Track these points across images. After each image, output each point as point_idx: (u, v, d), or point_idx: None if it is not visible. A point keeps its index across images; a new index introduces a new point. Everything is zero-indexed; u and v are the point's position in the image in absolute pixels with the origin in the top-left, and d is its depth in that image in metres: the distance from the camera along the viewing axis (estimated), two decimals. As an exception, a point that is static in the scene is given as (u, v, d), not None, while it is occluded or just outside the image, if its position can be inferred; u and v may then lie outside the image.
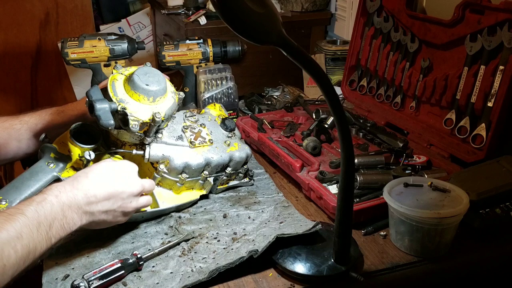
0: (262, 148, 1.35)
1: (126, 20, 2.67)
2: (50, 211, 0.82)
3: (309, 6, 1.97)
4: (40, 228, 0.80)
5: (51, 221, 0.82)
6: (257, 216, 1.08)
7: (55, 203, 0.84)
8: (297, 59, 0.73)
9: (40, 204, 0.82)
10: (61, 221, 0.84)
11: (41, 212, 0.81)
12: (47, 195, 0.84)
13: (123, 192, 0.93)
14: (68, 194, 0.86)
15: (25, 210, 0.80)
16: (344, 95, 1.60)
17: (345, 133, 0.78)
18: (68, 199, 0.85)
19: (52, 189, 0.86)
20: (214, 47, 1.56)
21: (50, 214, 0.82)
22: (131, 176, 0.96)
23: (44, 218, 0.81)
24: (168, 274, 0.90)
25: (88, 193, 0.88)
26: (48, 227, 0.81)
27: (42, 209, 0.81)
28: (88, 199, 0.88)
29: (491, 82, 1.14)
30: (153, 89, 1.00)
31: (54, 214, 0.83)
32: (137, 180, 0.97)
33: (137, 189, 0.96)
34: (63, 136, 1.06)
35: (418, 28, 1.33)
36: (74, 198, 0.86)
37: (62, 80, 2.55)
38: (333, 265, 0.89)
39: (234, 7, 0.67)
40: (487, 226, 0.98)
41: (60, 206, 0.84)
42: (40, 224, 0.80)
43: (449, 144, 1.24)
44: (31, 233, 0.78)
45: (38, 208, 0.81)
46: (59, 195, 0.85)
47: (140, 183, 0.97)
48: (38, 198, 0.84)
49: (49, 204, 0.83)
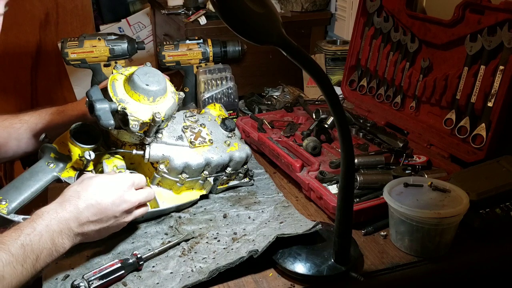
0: (262, 148, 1.34)
1: (126, 20, 2.67)
2: (38, 243, 0.80)
3: (309, 6, 1.97)
4: (25, 263, 0.78)
5: (38, 254, 0.80)
6: (257, 216, 1.08)
7: (45, 233, 0.81)
8: (297, 59, 0.73)
9: (28, 237, 0.79)
10: (49, 250, 0.82)
11: (27, 247, 0.78)
12: (37, 225, 0.81)
13: (115, 211, 0.90)
14: (59, 220, 0.84)
15: (11, 246, 0.77)
16: (344, 95, 1.60)
17: (345, 133, 0.78)
18: (59, 227, 0.83)
19: (43, 216, 0.83)
20: (214, 47, 1.56)
21: (38, 247, 0.80)
22: (126, 193, 0.93)
23: (31, 252, 0.79)
24: (168, 274, 0.90)
25: (80, 215, 0.86)
26: (34, 260, 0.79)
27: (29, 242, 0.79)
28: (80, 221, 0.86)
29: (491, 82, 1.14)
30: (153, 89, 1.00)
31: (43, 245, 0.80)
32: (132, 196, 0.94)
33: (131, 206, 0.93)
34: (63, 136, 1.06)
35: (418, 28, 1.33)
36: (65, 223, 0.84)
37: (62, 80, 2.55)
38: (333, 265, 0.89)
39: (234, 7, 0.67)
40: (487, 226, 0.98)
41: (49, 236, 0.82)
42: (26, 259, 0.78)
43: (449, 144, 1.24)
44: (15, 270, 0.76)
45: (25, 241, 0.78)
46: (49, 224, 0.82)
47: (134, 198, 0.94)
48: (27, 228, 0.80)
49: (38, 236, 0.80)
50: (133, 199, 0.94)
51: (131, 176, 0.97)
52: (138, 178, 0.98)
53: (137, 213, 0.96)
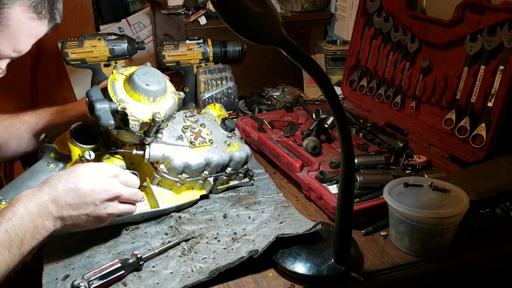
0: (262, 148, 1.34)
1: (126, 20, 2.67)
2: (20, 226, 0.80)
3: (309, 6, 1.97)
4: (12, 248, 0.78)
5: (22, 237, 0.80)
6: (257, 216, 1.08)
7: (25, 215, 0.81)
8: (297, 59, 0.73)
9: (10, 221, 0.80)
10: (32, 233, 0.81)
11: (11, 232, 0.79)
12: (17, 208, 0.82)
13: (94, 198, 0.88)
14: (37, 202, 0.83)
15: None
16: (344, 95, 1.60)
17: (345, 133, 0.78)
18: (38, 208, 0.83)
19: (22, 200, 0.83)
20: (214, 47, 1.56)
21: (20, 230, 0.80)
22: (106, 181, 0.91)
23: (15, 236, 0.79)
24: (168, 274, 0.90)
25: (58, 198, 0.85)
26: (19, 243, 0.79)
27: (12, 227, 0.79)
28: (58, 204, 0.85)
29: (491, 82, 1.14)
30: (153, 89, 1.00)
31: (25, 228, 0.81)
32: (113, 186, 0.91)
33: (111, 196, 0.90)
34: (63, 136, 1.06)
35: (418, 28, 1.33)
36: (44, 205, 0.84)
37: (62, 80, 2.55)
38: (333, 265, 0.89)
39: (234, 7, 0.67)
40: (487, 226, 0.98)
41: (30, 218, 0.82)
42: (12, 243, 0.78)
43: (449, 144, 1.24)
44: (3, 256, 0.77)
45: (8, 226, 0.79)
46: (28, 206, 0.82)
47: (116, 190, 0.91)
48: (8, 214, 0.81)
49: (19, 219, 0.80)
50: (115, 190, 0.91)
51: (117, 167, 0.96)
52: (125, 174, 0.96)
53: (120, 208, 0.93)
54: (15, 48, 0.86)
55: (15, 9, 0.81)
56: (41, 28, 0.88)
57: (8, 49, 0.86)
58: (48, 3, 0.86)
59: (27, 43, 0.87)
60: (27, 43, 0.87)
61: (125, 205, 0.95)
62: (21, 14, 0.83)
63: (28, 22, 0.84)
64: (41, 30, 0.88)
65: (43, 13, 0.86)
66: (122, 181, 0.94)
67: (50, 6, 0.87)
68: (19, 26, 0.83)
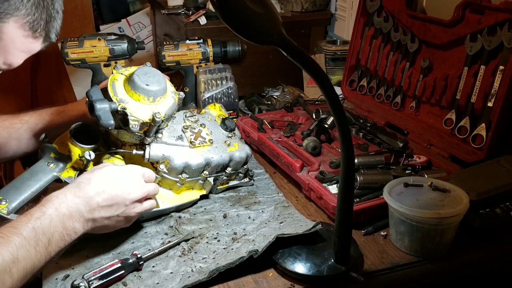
0: (262, 148, 1.34)
1: (126, 20, 2.67)
2: (48, 226, 0.80)
3: (309, 6, 1.97)
4: (38, 246, 0.78)
5: (50, 237, 0.80)
6: (257, 216, 1.08)
7: (55, 216, 0.82)
8: (297, 59, 0.73)
9: (39, 220, 0.80)
10: (61, 234, 0.82)
11: (39, 230, 0.79)
12: (46, 208, 0.82)
13: (126, 198, 0.91)
14: (69, 204, 0.84)
15: (22, 229, 0.78)
16: (344, 95, 1.60)
17: (345, 133, 0.78)
18: (68, 210, 0.84)
19: (53, 200, 0.84)
20: (214, 47, 1.56)
21: (48, 230, 0.80)
22: (135, 182, 0.94)
23: (43, 235, 0.79)
24: (168, 274, 0.90)
25: (91, 200, 0.87)
26: (47, 243, 0.80)
27: (40, 225, 0.79)
28: (90, 206, 0.87)
29: (491, 82, 1.14)
30: (153, 89, 1.00)
31: (54, 228, 0.81)
32: (141, 185, 0.95)
33: (140, 195, 0.94)
34: (63, 136, 1.06)
35: (418, 28, 1.33)
36: (75, 207, 0.85)
37: (62, 80, 2.55)
38: (333, 265, 0.89)
39: (234, 7, 0.67)
40: (487, 226, 0.98)
41: (59, 219, 0.82)
42: (38, 242, 0.78)
43: (449, 144, 1.24)
44: (28, 253, 0.77)
45: (36, 225, 0.79)
46: (59, 207, 0.83)
47: (144, 189, 0.95)
48: (37, 213, 0.81)
49: (48, 219, 0.81)
50: (144, 189, 0.95)
51: (142, 168, 0.98)
52: (148, 171, 0.99)
53: (146, 205, 0.96)
54: (5, 61, 0.84)
55: (10, 24, 0.80)
56: (34, 45, 0.86)
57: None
58: (45, 22, 0.84)
59: (18, 57, 0.85)
60: (19, 58, 0.86)
61: (147, 202, 0.97)
62: (15, 30, 0.81)
63: (21, 38, 0.83)
64: (35, 47, 0.87)
65: (38, 31, 0.84)
66: (146, 179, 0.97)
67: (46, 25, 0.85)
68: (12, 40, 0.82)
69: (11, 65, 0.86)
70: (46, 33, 0.86)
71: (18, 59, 0.86)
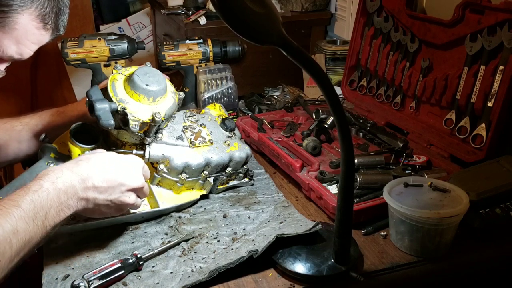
0: (262, 148, 1.34)
1: (126, 20, 2.67)
2: (46, 199, 0.81)
3: (309, 6, 1.97)
4: (36, 219, 0.79)
5: (47, 210, 0.81)
6: (257, 216, 1.08)
7: (52, 190, 0.82)
8: (297, 59, 0.73)
9: (36, 193, 0.81)
10: (57, 208, 0.82)
11: (37, 202, 0.80)
12: (44, 182, 0.83)
13: (122, 184, 0.91)
14: (65, 180, 0.84)
15: (21, 202, 0.79)
16: (344, 95, 1.60)
17: (345, 133, 0.78)
18: (64, 185, 0.84)
19: (49, 174, 0.85)
20: (214, 47, 1.56)
21: (46, 203, 0.81)
22: (134, 171, 0.94)
23: (41, 208, 0.80)
24: (168, 274, 0.90)
25: (86, 179, 0.87)
26: (44, 216, 0.80)
27: (38, 198, 0.80)
28: (85, 185, 0.86)
29: (491, 82, 1.14)
30: (153, 89, 1.00)
31: (51, 203, 0.81)
32: (139, 176, 0.95)
33: (137, 185, 0.93)
34: (63, 136, 1.06)
35: (418, 28, 1.33)
36: (70, 183, 0.85)
37: (62, 80, 2.55)
38: (333, 265, 0.89)
39: (234, 7, 0.67)
40: (487, 226, 0.98)
41: (56, 193, 0.83)
42: (36, 215, 0.79)
43: (449, 144, 1.24)
44: (27, 225, 0.77)
45: (34, 197, 0.80)
46: (55, 181, 0.83)
47: (142, 180, 0.95)
48: (34, 186, 0.82)
49: (46, 192, 0.81)
50: (141, 180, 0.95)
51: (141, 160, 0.98)
52: (146, 168, 0.99)
53: (138, 202, 0.96)
54: (18, 50, 0.89)
55: (24, 16, 0.85)
56: (44, 37, 0.91)
57: (11, 51, 0.88)
58: (56, 15, 0.90)
59: (29, 49, 0.90)
60: (30, 49, 0.90)
61: (138, 199, 0.97)
62: (28, 22, 0.86)
63: (33, 30, 0.87)
64: (44, 39, 0.91)
65: (49, 24, 0.89)
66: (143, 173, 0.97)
67: (56, 18, 0.90)
68: (25, 31, 0.86)
69: (22, 56, 0.90)
70: (56, 25, 0.91)
71: (28, 50, 0.90)
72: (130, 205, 0.95)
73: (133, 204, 0.95)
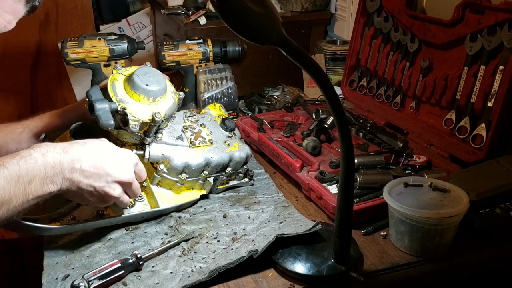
0: (262, 148, 1.34)
1: (126, 20, 2.67)
2: (32, 167, 0.81)
3: (309, 6, 1.98)
4: (18, 182, 0.78)
5: (31, 177, 0.80)
6: (257, 216, 1.08)
7: (40, 160, 0.82)
8: (297, 59, 0.73)
9: (24, 159, 0.80)
10: (41, 180, 0.82)
11: (23, 167, 0.80)
12: (34, 151, 0.83)
13: (109, 174, 0.89)
14: (55, 156, 0.84)
15: (7, 163, 0.79)
16: (344, 95, 1.60)
17: (345, 133, 0.78)
18: (53, 160, 0.83)
19: (41, 147, 0.84)
20: (214, 47, 1.56)
21: (32, 170, 0.80)
22: (125, 165, 0.93)
23: (25, 173, 0.80)
24: (168, 274, 0.90)
25: (76, 160, 0.86)
26: (27, 182, 0.80)
27: (25, 163, 0.80)
28: (73, 166, 0.85)
29: (491, 82, 1.14)
30: (153, 89, 1.00)
31: (36, 171, 0.81)
32: (129, 170, 0.93)
33: (125, 179, 0.92)
34: (63, 136, 1.06)
35: (418, 28, 1.33)
36: (59, 160, 0.84)
37: (62, 80, 2.55)
38: (333, 265, 0.89)
39: (234, 7, 0.67)
40: (487, 226, 0.98)
41: (43, 165, 0.82)
42: (20, 178, 0.79)
43: (449, 144, 1.24)
44: (8, 185, 0.77)
45: (21, 162, 0.80)
46: (45, 154, 0.83)
47: (131, 175, 0.93)
48: (24, 152, 0.82)
49: (33, 161, 0.81)
50: (131, 175, 0.93)
51: (138, 159, 0.97)
52: (142, 166, 0.98)
53: (124, 198, 0.94)
54: None
55: None
56: (18, 6, 0.88)
57: None
58: None
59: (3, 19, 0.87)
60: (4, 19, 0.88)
61: (126, 196, 0.95)
62: None
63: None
64: (19, 9, 0.89)
65: None
66: (136, 170, 0.96)
67: None
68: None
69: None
70: None
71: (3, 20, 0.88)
72: (114, 197, 0.92)
73: (118, 198, 0.93)
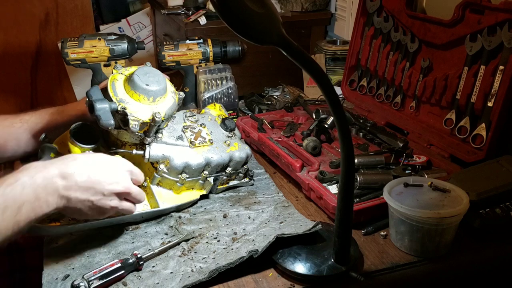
0: (262, 148, 1.35)
1: (126, 20, 2.67)
2: (20, 193, 0.78)
3: (309, 6, 1.97)
4: (5, 212, 0.76)
5: (20, 205, 0.78)
6: (257, 216, 1.08)
7: (28, 185, 0.79)
8: (297, 59, 0.73)
9: (10, 186, 0.78)
10: (32, 204, 0.79)
11: (9, 195, 0.77)
12: (22, 175, 0.80)
13: (105, 187, 0.88)
14: (45, 175, 0.81)
15: None
16: (344, 95, 1.60)
17: (345, 133, 0.78)
18: (44, 181, 0.81)
19: (30, 169, 0.82)
20: (214, 47, 1.56)
21: (19, 197, 0.78)
22: (119, 174, 0.92)
23: (13, 202, 0.77)
24: (168, 274, 0.90)
25: (70, 177, 0.84)
26: (16, 211, 0.77)
27: (11, 191, 0.77)
28: (68, 183, 0.83)
29: (491, 82, 1.14)
30: (153, 89, 1.00)
31: (25, 197, 0.78)
32: (124, 180, 0.92)
33: (121, 189, 0.91)
34: (63, 136, 1.06)
35: (418, 28, 1.33)
36: (52, 179, 0.82)
37: (62, 80, 2.55)
38: (333, 265, 0.89)
39: (234, 7, 0.67)
40: (487, 226, 0.98)
41: (32, 188, 0.79)
42: (7, 208, 0.76)
43: (449, 144, 1.24)
44: None
45: (6, 191, 0.77)
46: (34, 176, 0.80)
47: (127, 184, 0.92)
48: (10, 178, 0.79)
49: (20, 186, 0.78)
50: (126, 184, 0.92)
51: (132, 165, 0.96)
52: (137, 171, 0.97)
53: (123, 205, 0.93)
54: None
55: None
56: None
57: None
58: None
59: None
60: None
61: (127, 203, 0.95)
62: None
63: None
64: None
65: None
66: (132, 177, 0.95)
67: None
68: None
69: None
70: None
71: None
72: (113, 208, 0.91)
73: (116, 207, 0.92)
